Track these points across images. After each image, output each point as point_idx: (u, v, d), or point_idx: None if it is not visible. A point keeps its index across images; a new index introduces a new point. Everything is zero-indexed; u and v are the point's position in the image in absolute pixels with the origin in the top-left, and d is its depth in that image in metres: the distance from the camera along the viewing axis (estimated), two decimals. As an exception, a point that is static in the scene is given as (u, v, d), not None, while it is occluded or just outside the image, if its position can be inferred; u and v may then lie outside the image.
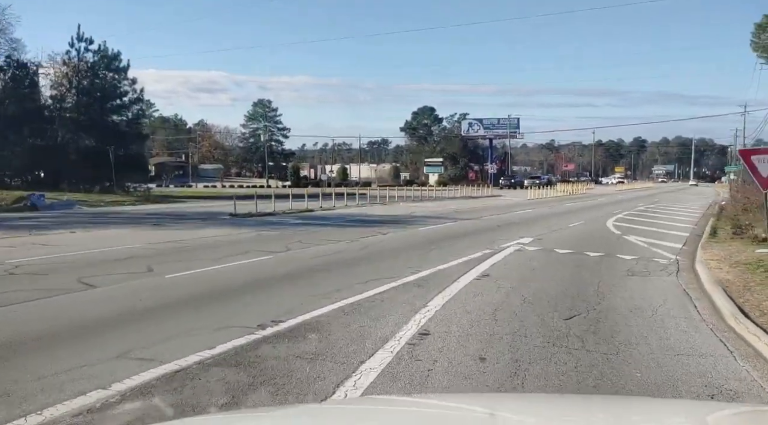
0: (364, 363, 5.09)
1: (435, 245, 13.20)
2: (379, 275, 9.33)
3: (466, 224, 18.55)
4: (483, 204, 31.28)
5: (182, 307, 7.28)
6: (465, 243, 13.65)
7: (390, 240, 14.08)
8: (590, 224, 19.39)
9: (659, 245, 14.32)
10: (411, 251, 12.22)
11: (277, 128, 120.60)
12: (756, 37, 60.13)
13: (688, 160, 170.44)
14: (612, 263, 11.27)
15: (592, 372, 5.06)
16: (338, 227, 16.93)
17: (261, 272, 9.52)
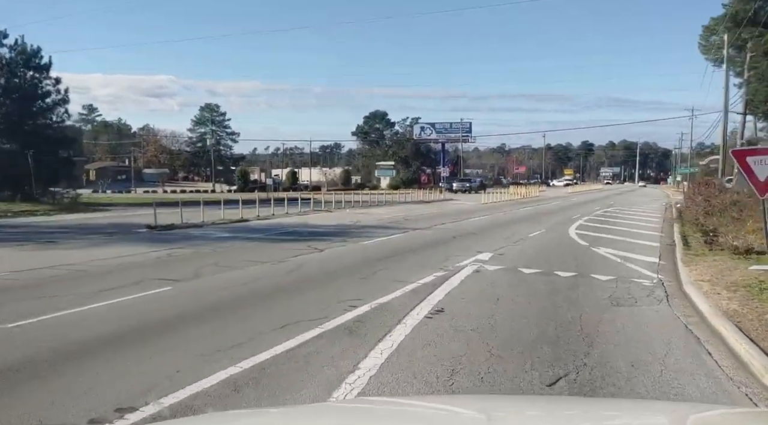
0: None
1: (379, 265, 11.07)
2: (300, 316, 7.14)
3: (416, 236, 16.53)
4: (436, 210, 29.40)
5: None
6: (415, 262, 11.58)
7: (326, 259, 11.87)
8: (552, 233, 17.67)
9: (633, 259, 12.64)
10: (349, 274, 10.05)
11: (226, 132, 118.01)
12: (704, 39, 60.77)
13: (633, 162, 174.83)
14: (589, 288, 9.40)
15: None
16: (269, 242, 14.61)
17: (143, 315, 7.16)
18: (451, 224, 20.56)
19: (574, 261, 12.12)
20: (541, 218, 23.77)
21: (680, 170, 57.90)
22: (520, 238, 15.96)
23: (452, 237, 15.95)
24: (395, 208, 30.88)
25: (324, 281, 9.48)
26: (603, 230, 19.02)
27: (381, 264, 11.19)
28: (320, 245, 13.75)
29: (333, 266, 11.00)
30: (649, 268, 11.58)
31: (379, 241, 14.99)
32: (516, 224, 20.75)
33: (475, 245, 14.24)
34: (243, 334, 6.34)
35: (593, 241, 15.70)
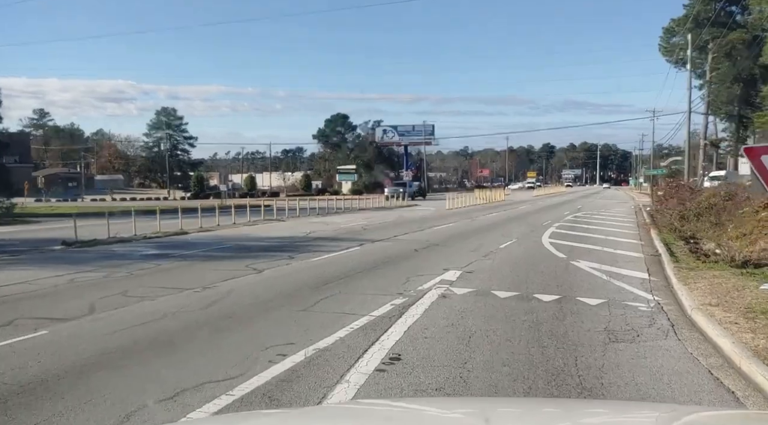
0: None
1: (326, 290, 9.18)
2: (206, 374, 5.22)
3: (374, 250, 14.68)
4: (397, 217, 27.64)
5: None
6: (370, 285, 9.73)
7: (262, 283, 9.91)
8: (525, 243, 16.06)
9: (620, 275, 11.07)
10: (286, 304, 8.13)
11: (183, 137, 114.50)
12: (664, 41, 60.78)
13: (594, 164, 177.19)
14: (578, 316, 7.71)
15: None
16: (201, 261, 12.54)
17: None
18: (414, 233, 18.79)
19: (555, 280, 10.46)
20: (511, 226, 22.22)
21: (647, 172, 57.50)
22: (490, 250, 14.28)
23: (414, 250, 14.16)
24: (355, 215, 28.98)
25: (253, 315, 7.53)
26: (579, 238, 17.52)
27: (329, 289, 9.29)
28: (261, 264, 11.76)
29: (269, 293, 9.04)
30: (641, 286, 10.01)
31: (331, 257, 13.08)
32: (484, 233, 19.10)
33: (440, 261, 12.47)
34: (107, 418, 4.38)
35: (571, 252, 14.14)
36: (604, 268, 11.84)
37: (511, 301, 8.57)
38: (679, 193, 27.27)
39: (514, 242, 16.20)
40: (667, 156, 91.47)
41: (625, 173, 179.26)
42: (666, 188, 31.84)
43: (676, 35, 59.22)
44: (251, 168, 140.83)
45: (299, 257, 12.81)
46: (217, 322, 7.20)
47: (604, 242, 16.53)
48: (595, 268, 11.79)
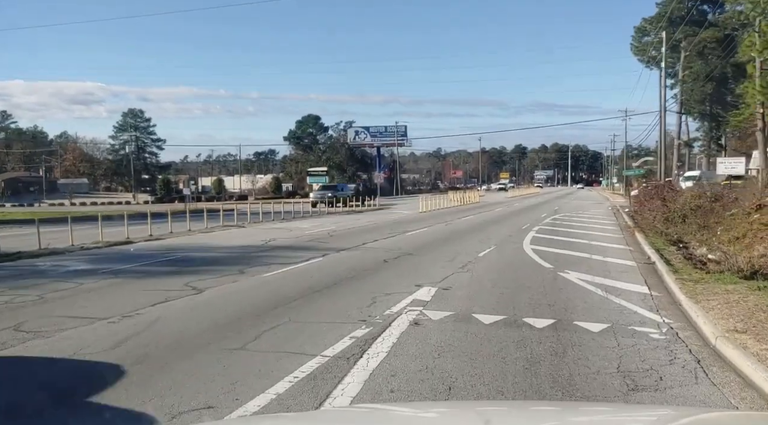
0: None
1: (272, 318, 7.53)
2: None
3: (338, 261, 13.07)
4: (368, 221, 26.04)
5: None
6: (327, 309, 8.11)
7: (195, 310, 8.19)
8: (505, 250, 14.61)
9: (617, 289, 9.67)
10: (217, 340, 6.47)
11: (151, 139, 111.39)
12: (636, 41, 60.38)
13: (565, 165, 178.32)
14: (581, 350, 6.23)
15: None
16: (135, 278, 10.71)
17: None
18: (385, 240, 17.21)
19: (545, 297, 8.98)
20: (488, 230, 20.80)
21: (625, 172, 56.99)
22: (468, 260, 12.77)
23: (384, 261, 12.57)
24: (323, 220, 27.28)
25: (170, 360, 5.84)
26: (562, 244, 16.15)
27: (278, 316, 7.65)
28: (203, 282, 10.03)
29: (202, 322, 7.35)
30: (644, 304, 8.60)
31: (288, 271, 11.40)
32: (461, 239, 17.62)
33: (412, 274, 10.91)
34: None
35: (557, 261, 12.72)
36: (597, 280, 10.44)
37: (497, 329, 7.05)
38: (660, 194, 26.27)
39: (493, 250, 14.73)
40: (637, 157, 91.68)
41: (596, 173, 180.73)
42: (644, 189, 30.88)
43: (648, 35, 58.90)
44: (223, 171, 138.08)
45: (251, 272, 11.11)
46: (120, 369, 5.50)
47: (591, 249, 15.20)
48: (587, 280, 10.38)
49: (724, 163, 37.57)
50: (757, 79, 30.46)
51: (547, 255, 13.65)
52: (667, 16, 47.25)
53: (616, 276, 10.99)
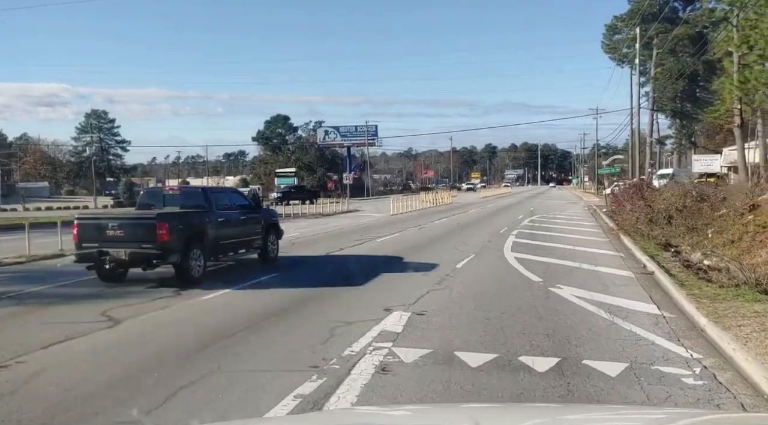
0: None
1: (196, 363, 5.78)
2: None
3: (296, 276, 11.37)
4: (336, 225, 24.30)
5: None
6: (271, 346, 6.41)
7: (99, 354, 6.23)
8: (486, 260, 13.07)
9: (621, 309, 8.21)
10: (111, 406, 4.69)
11: (115, 141, 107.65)
12: (607, 38, 59.81)
13: (535, 164, 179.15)
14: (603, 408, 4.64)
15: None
16: (41, 305, 8.51)
17: None
18: (352, 248, 15.53)
19: (540, 322, 7.44)
20: (465, 234, 19.28)
21: (601, 171, 56.29)
22: (446, 273, 11.18)
23: (344, 279, 10.88)
24: (287, 224, 25.37)
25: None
26: (547, 251, 14.70)
27: (203, 361, 5.90)
28: (125, 309, 8.20)
29: (98, 375, 5.51)
30: (660, 330, 7.13)
31: (233, 292, 9.63)
32: (435, 246, 16.04)
33: (380, 293, 9.27)
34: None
35: (545, 272, 11.23)
36: (596, 297, 8.96)
37: (488, 375, 5.45)
38: (640, 193, 25.14)
39: (473, 259, 13.18)
40: (606, 155, 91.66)
41: (565, 172, 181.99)
42: (622, 188, 29.81)
43: (619, 32, 58.37)
44: (192, 173, 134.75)
45: (188, 294, 9.32)
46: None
47: (578, 256, 13.78)
48: (585, 298, 8.88)
49: (700, 160, 37.01)
50: (735, 74, 29.62)
51: (532, 265, 12.15)
52: (641, 13, 46.60)
53: (616, 291, 9.52)
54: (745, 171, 30.46)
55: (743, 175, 30.30)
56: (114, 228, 10.23)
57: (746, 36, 28.49)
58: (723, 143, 56.13)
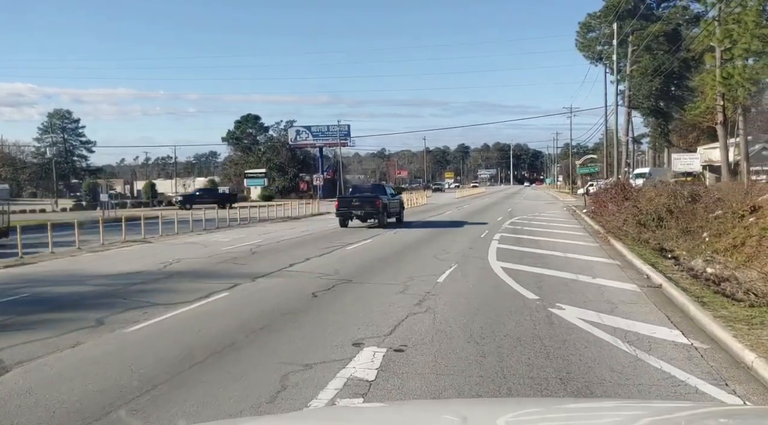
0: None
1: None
2: None
3: (249, 297, 9.64)
4: (304, 230, 22.57)
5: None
6: (200, 407, 4.77)
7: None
8: (471, 272, 11.54)
9: (641, 337, 6.78)
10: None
11: (80, 141, 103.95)
12: (581, 36, 59.09)
13: (507, 164, 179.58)
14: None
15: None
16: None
17: None
18: (319, 258, 13.87)
19: (549, 362, 5.93)
20: (443, 240, 17.77)
21: (580, 170, 55.52)
22: (426, 290, 9.62)
23: (312, 296, 9.23)
24: (252, 229, 23.60)
25: None
26: (535, 259, 13.27)
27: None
28: (21, 349, 6.39)
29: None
30: (700, 371, 5.69)
31: (167, 322, 7.86)
32: (413, 255, 14.47)
33: (349, 320, 7.64)
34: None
35: (540, 287, 9.76)
36: (606, 320, 7.50)
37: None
38: (625, 194, 23.99)
39: (455, 270, 11.64)
40: (577, 155, 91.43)
41: (537, 171, 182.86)
42: (604, 188, 28.67)
43: (593, 30, 57.72)
44: (162, 174, 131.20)
45: (112, 323, 7.56)
46: None
47: (572, 265, 12.37)
48: (594, 322, 7.41)
49: (680, 159, 36.26)
50: (718, 69, 28.73)
51: (523, 277, 10.68)
52: (615, 9, 45.82)
53: (627, 312, 8.07)
54: (728, 169, 29.61)
55: (726, 173, 29.46)
56: (354, 201, 22.45)
57: (729, 30, 27.56)
58: (696, 142, 55.88)
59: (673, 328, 7.24)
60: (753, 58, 26.79)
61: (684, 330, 7.13)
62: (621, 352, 6.24)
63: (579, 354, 6.17)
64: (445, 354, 6.13)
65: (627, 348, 6.39)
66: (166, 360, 6.00)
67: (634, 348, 6.35)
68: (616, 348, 6.40)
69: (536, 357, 6.04)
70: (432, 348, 6.34)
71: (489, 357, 6.03)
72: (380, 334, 6.87)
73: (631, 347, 6.41)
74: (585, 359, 6.03)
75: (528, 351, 6.26)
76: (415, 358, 6.02)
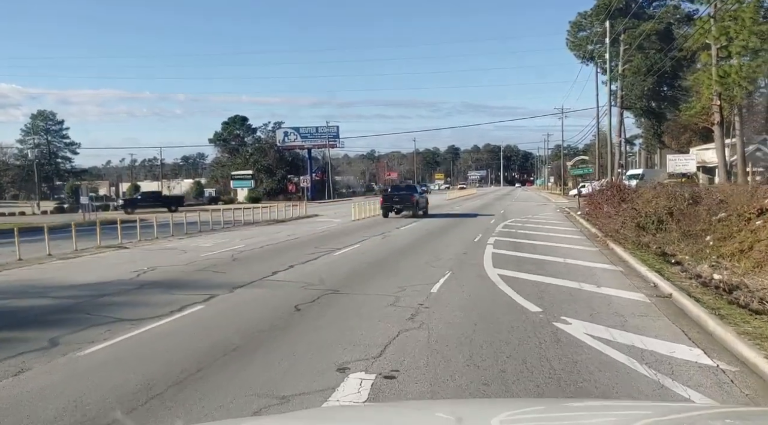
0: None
1: None
2: None
3: (225, 310, 8.82)
4: (290, 234, 21.72)
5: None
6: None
7: None
8: (466, 281, 10.77)
9: (659, 357, 6.09)
10: None
11: (64, 143, 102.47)
12: (572, 36, 58.65)
13: (497, 165, 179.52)
14: None
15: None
16: None
17: None
18: (304, 265, 13.05)
19: (561, 388, 5.20)
20: (435, 244, 17.00)
21: (573, 171, 54.99)
22: (419, 301, 8.84)
23: (294, 310, 8.42)
24: (234, 233, 22.71)
25: None
26: (533, 265, 12.54)
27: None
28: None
29: None
30: (733, 400, 4.93)
31: (128, 342, 7.02)
32: (403, 261, 13.69)
33: (334, 338, 6.84)
34: None
35: (541, 298, 9.01)
36: (618, 337, 6.78)
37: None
38: (623, 195, 23.36)
39: (450, 279, 10.88)
40: (567, 156, 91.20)
41: (528, 172, 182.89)
42: (600, 190, 28.04)
43: (584, 29, 57.31)
44: (149, 175, 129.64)
45: (67, 344, 6.72)
46: None
47: (572, 272, 11.64)
48: (605, 339, 6.67)
49: (675, 160, 35.80)
50: (714, 67, 28.19)
51: (522, 286, 9.93)
52: (608, 9, 45.38)
53: (639, 326, 7.35)
54: (725, 170, 29.10)
55: (724, 175, 28.94)
56: (395, 197, 29.57)
57: (725, 27, 27.01)
58: (688, 144, 55.57)
59: (693, 346, 6.52)
60: (750, 56, 26.28)
61: (705, 349, 6.41)
62: (640, 377, 5.50)
63: (594, 380, 5.42)
64: (442, 382, 5.36)
65: (646, 371, 5.65)
66: (118, 393, 5.17)
67: (654, 372, 5.62)
68: (634, 371, 5.66)
69: (546, 385, 5.28)
70: (427, 374, 5.56)
71: (493, 386, 5.26)
72: (368, 356, 6.09)
73: (651, 370, 5.68)
74: (601, 385, 5.28)
75: (536, 376, 5.50)
76: (408, 387, 5.24)
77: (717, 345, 6.58)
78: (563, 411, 2.48)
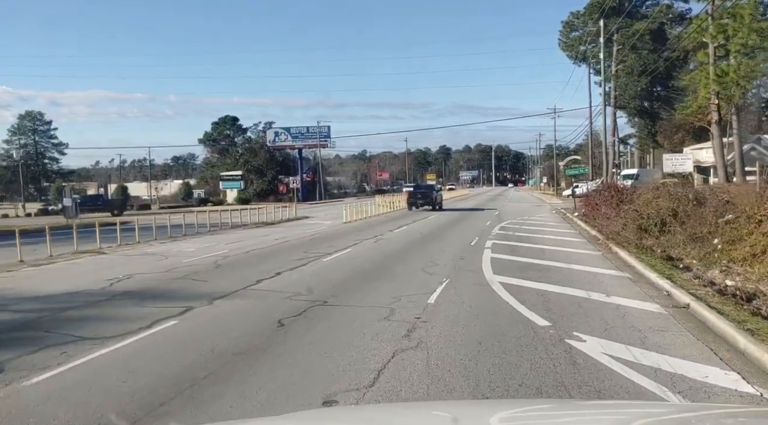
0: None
1: None
2: None
3: (203, 325, 7.99)
4: (279, 237, 20.88)
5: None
6: None
7: None
8: (465, 290, 9.99)
9: (689, 381, 5.44)
10: None
11: (52, 144, 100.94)
12: (564, 36, 58.09)
13: (489, 165, 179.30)
14: None
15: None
16: None
17: None
18: (291, 272, 12.21)
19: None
20: (431, 248, 16.22)
21: (569, 172, 54.38)
22: (415, 315, 8.05)
23: (278, 325, 7.60)
24: (220, 237, 21.82)
25: None
26: (535, 271, 11.78)
27: None
28: None
29: None
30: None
31: (83, 368, 6.25)
32: (397, 267, 12.88)
33: (319, 362, 6.04)
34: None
35: (548, 309, 8.26)
36: (640, 357, 6.03)
37: None
38: (624, 196, 22.70)
39: (448, 287, 10.09)
40: (558, 156, 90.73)
41: (519, 173, 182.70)
42: (597, 190, 27.39)
43: (576, 29, 56.76)
44: (138, 176, 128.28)
45: (15, 370, 5.85)
46: None
47: (577, 279, 10.90)
48: (625, 360, 5.92)
49: (671, 159, 35.28)
50: (711, 66, 27.61)
51: (527, 296, 9.17)
52: (602, 8, 44.83)
53: (661, 343, 6.60)
54: (725, 170, 28.52)
55: (723, 174, 28.36)
56: (418, 194, 38.98)
57: (723, 26, 26.43)
58: (681, 143, 55.16)
59: (728, 369, 5.77)
60: (749, 55, 25.69)
61: (742, 372, 5.66)
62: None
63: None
64: (446, 419, 4.57)
65: (679, 401, 4.89)
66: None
67: (679, 395, 4.86)
68: (662, 399, 4.90)
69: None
70: (428, 408, 4.77)
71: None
72: (360, 385, 5.29)
73: (684, 400, 4.92)
74: (632, 422, 4.51)
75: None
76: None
77: (753, 367, 5.84)
78: (563, 410, 2.45)
